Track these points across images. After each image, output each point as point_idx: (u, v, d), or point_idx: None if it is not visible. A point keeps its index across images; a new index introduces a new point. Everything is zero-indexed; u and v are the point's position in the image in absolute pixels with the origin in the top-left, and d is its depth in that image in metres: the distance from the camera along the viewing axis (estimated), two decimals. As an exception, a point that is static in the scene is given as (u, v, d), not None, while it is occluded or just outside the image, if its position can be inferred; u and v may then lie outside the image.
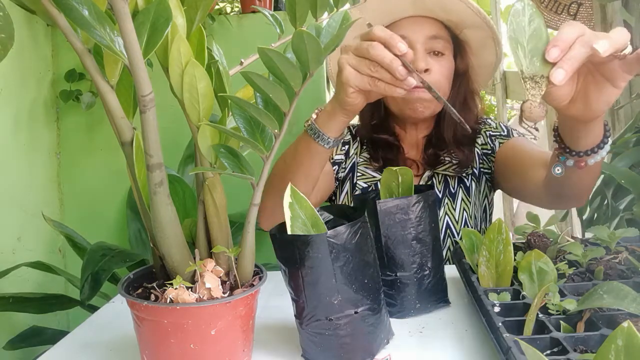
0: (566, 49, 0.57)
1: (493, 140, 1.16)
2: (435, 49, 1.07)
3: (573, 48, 0.57)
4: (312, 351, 0.62)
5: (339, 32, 0.55)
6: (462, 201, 1.12)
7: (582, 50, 0.57)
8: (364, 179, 1.15)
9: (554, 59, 0.56)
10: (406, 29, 1.06)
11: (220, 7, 1.97)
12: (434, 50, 1.07)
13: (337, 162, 1.16)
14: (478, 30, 1.10)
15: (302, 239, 0.59)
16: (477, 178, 1.15)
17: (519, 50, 0.57)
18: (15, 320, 1.58)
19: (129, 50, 0.49)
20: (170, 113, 1.18)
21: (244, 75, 0.54)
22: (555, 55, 0.56)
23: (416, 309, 0.74)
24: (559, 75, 0.56)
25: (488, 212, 1.20)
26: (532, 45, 0.57)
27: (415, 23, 1.08)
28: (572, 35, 0.58)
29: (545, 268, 0.66)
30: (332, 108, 0.80)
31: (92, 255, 1.32)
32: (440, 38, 1.07)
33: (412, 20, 1.08)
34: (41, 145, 1.83)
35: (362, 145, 1.19)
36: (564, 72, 0.56)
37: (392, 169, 0.76)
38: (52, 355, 0.70)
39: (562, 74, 0.56)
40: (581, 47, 0.57)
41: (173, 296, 0.56)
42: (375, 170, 1.15)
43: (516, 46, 0.57)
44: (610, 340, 0.37)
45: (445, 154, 1.13)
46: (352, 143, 1.18)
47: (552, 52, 0.57)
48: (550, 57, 0.56)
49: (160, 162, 0.55)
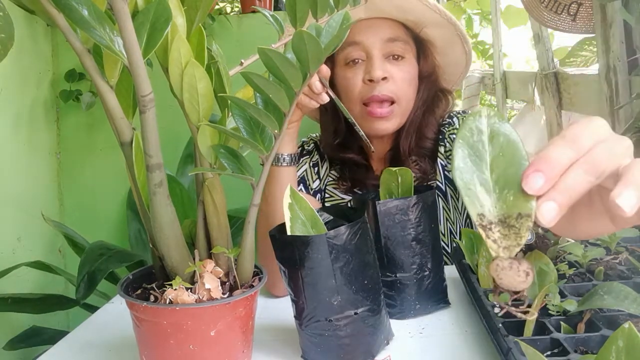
0: (555, 176, 0.37)
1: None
2: (394, 52, 0.99)
3: (569, 175, 0.37)
4: (312, 352, 0.62)
5: (339, 33, 0.55)
6: (443, 210, 1.05)
7: (585, 178, 0.37)
8: (331, 200, 1.09)
9: (536, 191, 0.36)
10: (360, 34, 0.99)
11: (220, 7, 1.97)
12: (393, 54, 0.99)
13: (317, 191, 1.09)
14: (441, 28, 1.02)
15: (302, 239, 0.59)
16: (449, 187, 1.05)
17: (475, 185, 0.37)
18: (15, 320, 1.58)
19: (129, 51, 0.49)
20: (170, 113, 1.18)
21: (244, 75, 0.54)
22: (538, 187, 0.36)
23: (416, 310, 0.74)
24: (548, 211, 0.36)
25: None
26: (500, 173, 0.37)
27: (369, 27, 0.99)
28: (566, 156, 0.37)
29: (546, 269, 0.66)
30: None
31: (90, 254, 1.32)
32: (398, 40, 0.99)
33: (366, 23, 1.00)
34: (41, 145, 1.83)
35: (331, 162, 1.11)
36: (556, 207, 0.36)
37: (391, 170, 0.76)
38: (51, 355, 0.70)
39: (554, 210, 0.36)
40: (585, 174, 0.37)
41: (172, 297, 0.55)
42: (344, 192, 1.08)
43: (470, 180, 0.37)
44: (611, 341, 0.37)
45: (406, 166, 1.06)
46: (321, 163, 1.11)
47: (531, 180, 0.36)
48: (528, 188, 0.36)
49: (160, 163, 0.55)
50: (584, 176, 0.37)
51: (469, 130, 0.38)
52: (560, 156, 0.37)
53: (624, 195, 0.35)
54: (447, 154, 1.06)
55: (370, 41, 0.98)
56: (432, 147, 1.06)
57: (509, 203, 0.36)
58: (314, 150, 1.13)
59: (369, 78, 0.97)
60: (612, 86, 1.17)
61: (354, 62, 1.00)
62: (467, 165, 0.37)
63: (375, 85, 0.97)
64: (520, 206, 0.36)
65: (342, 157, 1.07)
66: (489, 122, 0.39)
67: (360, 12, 0.98)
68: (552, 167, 0.37)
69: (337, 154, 1.08)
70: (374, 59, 0.97)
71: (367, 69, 0.98)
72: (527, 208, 0.36)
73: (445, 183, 1.05)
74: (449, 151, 1.06)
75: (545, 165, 0.37)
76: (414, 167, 1.04)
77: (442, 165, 1.06)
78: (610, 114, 1.22)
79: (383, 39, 0.99)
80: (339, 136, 1.07)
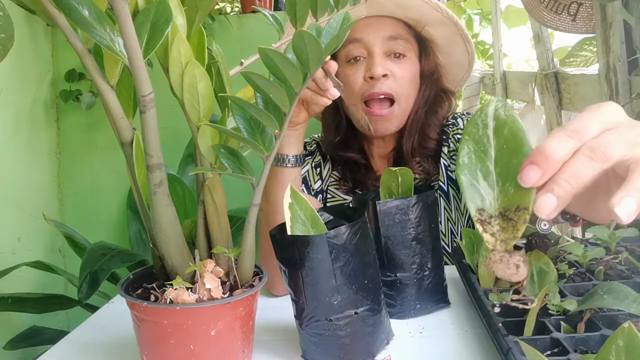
0: (551, 168, 0.36)
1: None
2: (396, 50, 0.99)
3: (570, 164, 0.36)
4: (312, 352, 0.62)
5: (339, 33, 0.55)
6: (445, 210, 1.05)
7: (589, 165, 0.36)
8: (333, 201, 1.08)
9: (532, 184, 0.36)
10: (362, 31, 0.99)
11: (220, 7, 1.97)
12: (394, 52, 0.99)
13: (319, 191, 1.09)
14: (443, 27, 1.02)
15: (302, 239, 0.59)
16: (452, 188, 1.05)
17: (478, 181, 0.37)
18: (15, 320, 1.58)
19: (129, 51, 0.49)
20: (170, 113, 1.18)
21: (244, 75, 0.54)
22: (532, 181, 0.36)
23: (416, 310, 0.74)
24: (544, 204, 0.35)
25: None
26: (503, 166, 0.37)
27: (371, 24, 0.99)
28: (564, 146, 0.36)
29: (546, 268, 0.66)
30: None
31: (92, 255, 1.32)
32: (400, 38, 0.99)
33: (368, 21, 0.99)
34: (41, 145, 1.83)
35: (333, 163, 1.10)
36: (554, 198, 0.35)
37: (391, 170, 0.76)
38: (52, 355, 0.70)
39: (551, 202, 0.35)
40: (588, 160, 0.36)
41: (173, 297, 0.56)
42: (345, 192, 1.07)
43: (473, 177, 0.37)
44: (611, 340, 0.37)
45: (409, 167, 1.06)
46: (324, 164, 1.10)
47: (525, 174, 0.36)
48: (523, 182, 0.36)
49: (160, 163, 0.55)
50: (587, 163, 0.36)
51: (475, 125, 0.38)
52: (556, 147, 0.36)
53: (623, 203, 0.34)
54: (451, 154, 1.06)
55: (371, 39, 0.98)
56: (435, 148, 1.06)
57: (509, 196, 0.36)
58: (316, 150, 1.13)
59: (370, 75, 0.98)
60: (612, 86, 1.17)
61: (355, 59, 1.00)
62: (471, 162, 0.38)
63: (375, 83, 0.98)
64: (519, 199, 0.36)
65: (343, 155, 1.07)
66: (495, 114, 0.38)
67: (362, 10, 0.98)
68: (546, 159, 0.36)
69: (338, 153, 1.08)
70: (374, 56, 0.98)
71: (367, 66, 0.99)
72: (525, 201, 0.36)
73: (448, 183, 1.05)
74: (452, 151, 1.06)
75: (540, 157, 0.36)
76: (417, 168, 1.04)
77: (445, 165, 1.05)
78: (610, 114, 1.21)
79: (384, 36, 0.99)
80: (340, 133, 1.07)
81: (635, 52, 1.10)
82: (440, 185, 1.05)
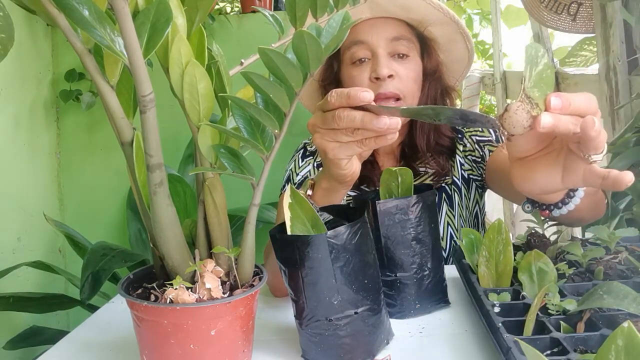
0: (565, 107, 0.50)
1: (482, 147, 1.09)
2: (399, 51, 1.01)
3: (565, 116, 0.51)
4: (312, 352, 0.62)
5: (339, 33, 0.55)
6: (446, 214, 1.07)
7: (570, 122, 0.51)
8: None
9: (552, 106, 0.50)
10: (365, 33, 1.01)
11: (220, 7, 1.97)
12: (398, 52, 1.01)
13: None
14: (444, 26, 1.04)
15: (302, 239, 0.59)
16: (464, 186, 1.09)
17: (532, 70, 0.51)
18: (15, 320, 1.58)
19: (129, 51, 0.49)
20: (170, 113, 1.18)
21: (244, 75, 0.54)
22: (554, 105, 0.50)
23: (416, 310, 0.74)
24: (545, 120, 0.49)
25: (480, 218, 1.13)
26: (537, 80, 0.51)
27: (374, 26, 1.01)
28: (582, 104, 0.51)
29: (545, 268, 0.66)
30: (329, 185, 0.72)
31: (93, 255, 1.32)
32: (403, 39, 1.01)
33: (371, 23, 1.01)
34: (41, 145, 1.83)
35: None
36: (551, 119, 0.49)
37: (391, 169, 0.76)
38: (52, 355, 0.70)
39: (549, 121, 0.49)
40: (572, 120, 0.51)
41: (173, 296, 0.56)
42: (351, 189, 1.03)
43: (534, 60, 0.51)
44: (611, 340, 0.37)
45: (419, 164, 1.08)
46: None
47: (553, 100, 0.50)
48: (548, 102, 0.50)
49: (161, 162, 0.55)
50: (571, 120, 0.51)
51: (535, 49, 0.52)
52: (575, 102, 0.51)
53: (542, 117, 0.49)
54: (466, 154, 1.10)
55: (375, 40, 1.00)
56: (449, 145, 1.10)
57: (534, 94, 0.51)
58: (317, 150, 1.13)
59: (375, 76, 0.99)
60: (612, 86, 1.17)
61: (360, 61, 1.02)
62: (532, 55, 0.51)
63: (381, 83, 0.99)
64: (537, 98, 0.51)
65: None
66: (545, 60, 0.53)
67: (365, 11, 1.00)
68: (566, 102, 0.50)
69: None
70: (379, 57, 0.99)
71: (373, 67, 1.00)
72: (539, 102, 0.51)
73: (462, 180, 1.09)
74: (468, 151, 1.10)
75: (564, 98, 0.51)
76: (432, 161, 1.07)
77: (460, 163, 1.10)
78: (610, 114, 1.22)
79: (388, 38, 1.01)
80: None
81: (635, 52, 1.10)
82: (454, 180, 1.09)
